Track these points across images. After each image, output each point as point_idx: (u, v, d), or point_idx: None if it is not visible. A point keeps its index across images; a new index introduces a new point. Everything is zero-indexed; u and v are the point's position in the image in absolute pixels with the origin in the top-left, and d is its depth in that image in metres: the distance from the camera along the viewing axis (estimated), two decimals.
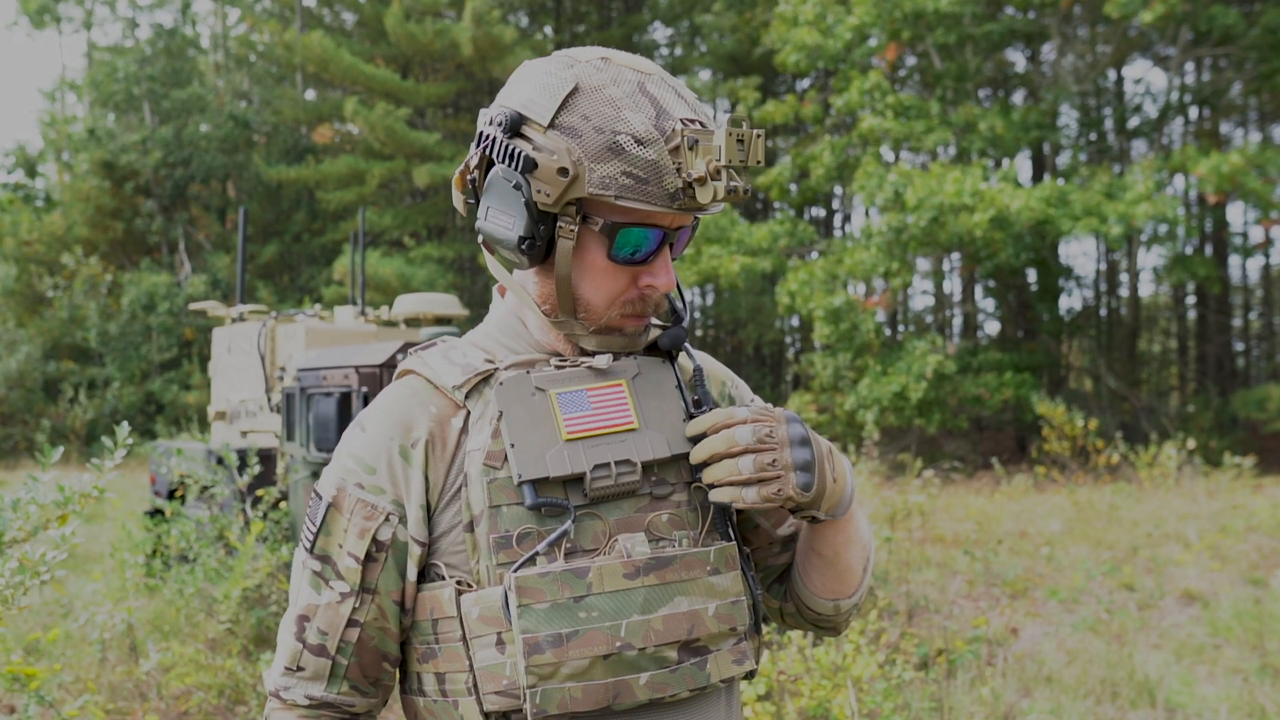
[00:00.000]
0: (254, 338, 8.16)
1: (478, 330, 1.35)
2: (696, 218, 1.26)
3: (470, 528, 1.19)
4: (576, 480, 1.19)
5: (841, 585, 1.36)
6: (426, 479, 1.21)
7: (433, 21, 20.41)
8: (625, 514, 1.21)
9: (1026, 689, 5.05)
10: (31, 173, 27.08)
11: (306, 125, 25.57)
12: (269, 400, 7.64)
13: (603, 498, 1.20)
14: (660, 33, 27.57)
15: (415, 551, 1.21)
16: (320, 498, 1.24)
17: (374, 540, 1.20)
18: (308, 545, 1.24)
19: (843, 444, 14.76)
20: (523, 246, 1.19)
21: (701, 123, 1.18)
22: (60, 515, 2.78)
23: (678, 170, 1.15)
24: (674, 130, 1.15)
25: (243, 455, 6.51)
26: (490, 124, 1.21)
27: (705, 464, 1.21)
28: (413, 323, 9.08)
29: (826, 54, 16.79)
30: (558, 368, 1.25)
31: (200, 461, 7.35)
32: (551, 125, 1.16)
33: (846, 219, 28.33)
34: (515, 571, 1.14)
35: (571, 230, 1.18)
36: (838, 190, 23.94)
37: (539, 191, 1.16)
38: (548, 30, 26.23)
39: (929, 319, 25.20)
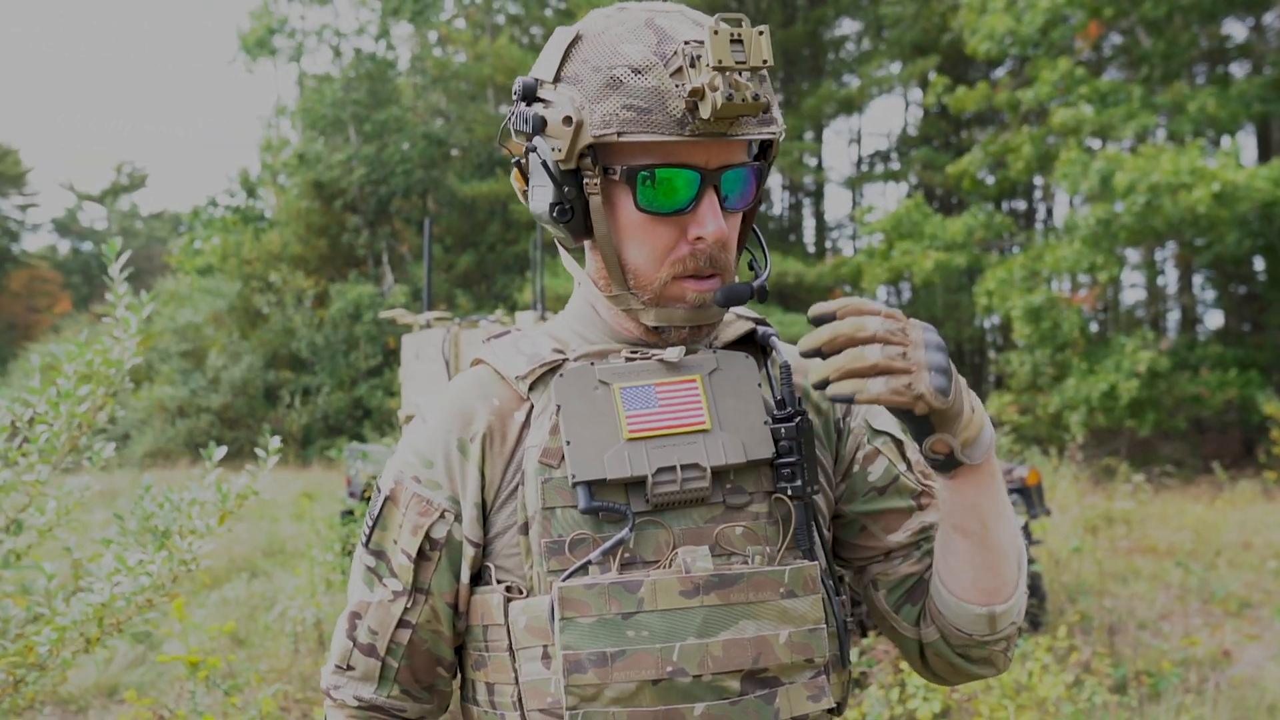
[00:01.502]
0: (439, 343, 8.41)
1: (555, 319, 1.27)
2: (763, 159, 1.13)
3: (525, 529, 1.10)
4: (638, 484, 1.08)
5: (995, 578, 1.12)
6: (483, 475, 1.13)
7: None
8: (693, 524, 1.08)
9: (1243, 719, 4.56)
10: (253, 195, 29.14)
11: (498, 140, 26.44)
12: None
13: (667, 505, 1.08)
14: (847, 26, 27.01)
15: (469, 552, 1.13)
16: (380, 491, 1.18)
17: (427, 537, 1.13)
18: (364, 539, 1.18)
19: (1044, 448, 13.94)
20: (555, 214, 1.11)
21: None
22: (221, 515, 2.90)
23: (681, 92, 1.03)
24: (675, 52, 1.04)
25: None
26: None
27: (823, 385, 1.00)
28: None
29: (1020, 39, 15.94)
30: (628, 359, 1.14)
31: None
32: (557, 79, 1.09)
33: (1049, 211, 26.90)
34: (563, 581, 1.04)
35: (595, 184, 1.09)
36: (1038, 179, 22.75)
37: (554, 149, 1.08)
38: None
39: (1140, 313, 23.57)
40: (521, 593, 1.10)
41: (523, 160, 1.18)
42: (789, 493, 1.10)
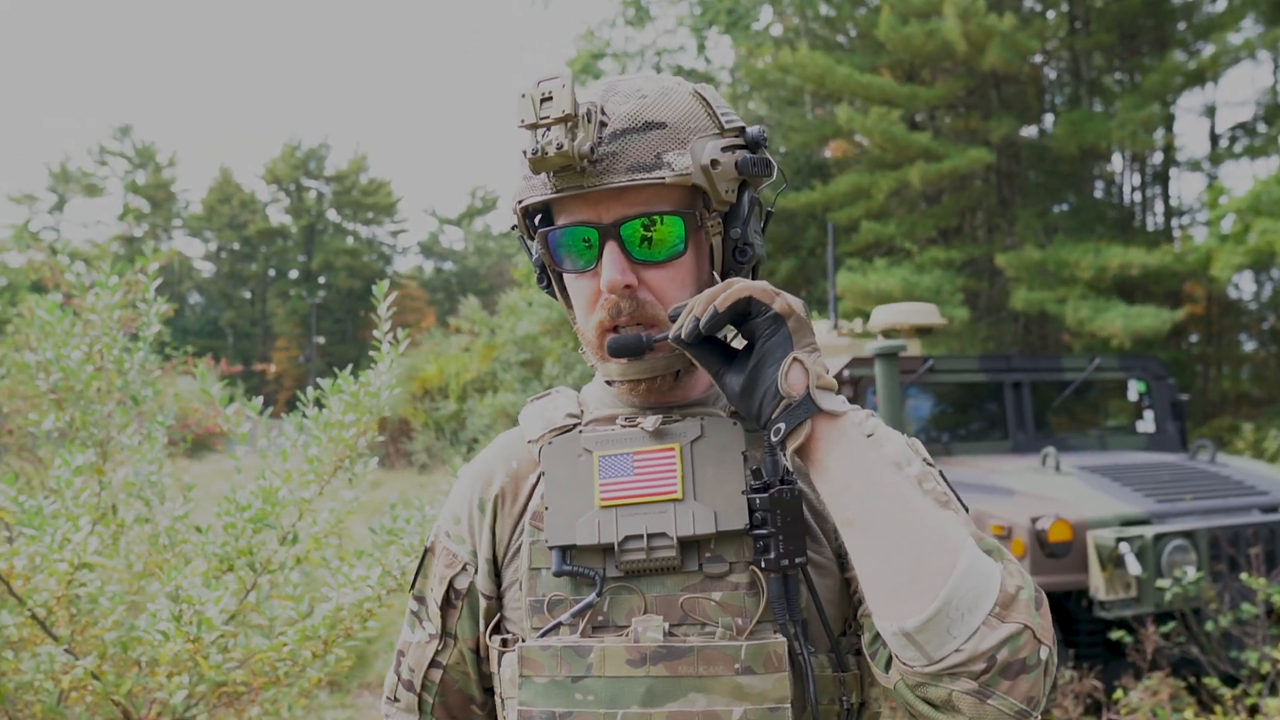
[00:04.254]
0: None
1: (594, 380, 1.35)
2: (681, 210, 1.13)
3: (522, 586, 1.19)
4: (612, 550, 1.14)
5: (889, 582, 0.97)
6: (494, 533, 1.25)
7: (923, 23, 20.00)
8: (667, 591, 1.12)
9: None
10: None
11: (816, 144, 26.37)
12: None
13: (638, 572, 1.12)
14: None
15: (483, 604, 1.25)
16: (425, 543, 1.33)
17: (451, 587, 1.27)
18: (410, 584, 1.34)
19: None
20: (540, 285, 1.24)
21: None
22: None
23: None
24: None
25: None
26: None
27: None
28: (890, 334, 9.01)
29: None
30: (622, 426, 1.21)
31: None
32: None
33: None
34: (532, 640, 1.13)
35: (540, 253, 1.20)
36: None
37: (518, 230, 1.23)
38: (1064, 8, 24.39)
39: None
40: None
41: None
42: (762, 565, 1.09)
